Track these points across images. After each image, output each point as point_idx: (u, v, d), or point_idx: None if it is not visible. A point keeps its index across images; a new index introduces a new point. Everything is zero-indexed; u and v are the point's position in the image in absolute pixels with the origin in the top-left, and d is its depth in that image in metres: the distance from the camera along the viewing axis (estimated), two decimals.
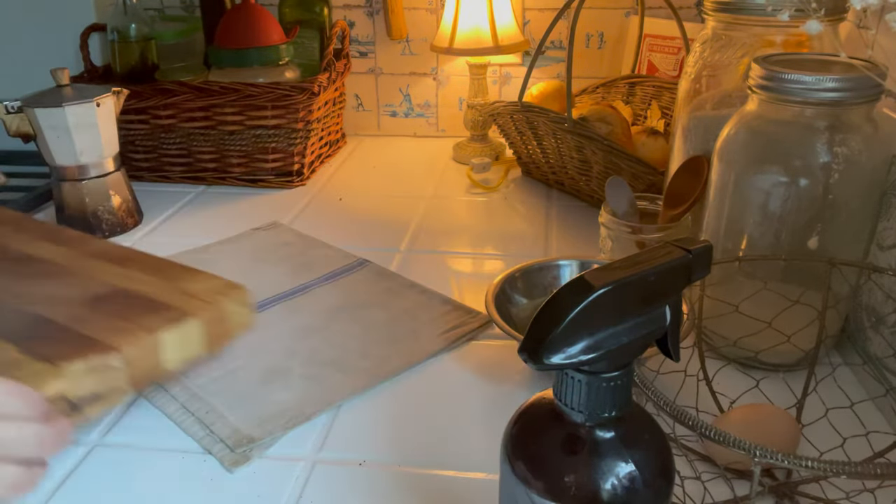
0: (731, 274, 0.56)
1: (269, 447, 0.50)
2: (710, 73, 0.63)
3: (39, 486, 0.46)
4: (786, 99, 0.50)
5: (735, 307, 0.53)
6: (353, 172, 1.03)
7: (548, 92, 0.97)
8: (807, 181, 0.50)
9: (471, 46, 0.97)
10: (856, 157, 0.50)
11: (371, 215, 0.88)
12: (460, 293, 0.70)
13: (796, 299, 0.52)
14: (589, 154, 0.81)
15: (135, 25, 0.98)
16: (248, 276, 0.68)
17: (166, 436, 0.51)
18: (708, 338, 0.58)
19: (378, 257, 0.76)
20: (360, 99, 1.17)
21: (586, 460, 0.27)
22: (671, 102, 0.92)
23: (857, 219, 0.52)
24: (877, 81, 0.47)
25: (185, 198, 0.93)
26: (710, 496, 0.42)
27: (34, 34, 1.05)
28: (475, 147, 1.05)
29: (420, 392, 0.56)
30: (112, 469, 0.49)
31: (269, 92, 0.90)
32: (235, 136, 0.94)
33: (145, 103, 0.92)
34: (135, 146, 0.97)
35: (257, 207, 0.91)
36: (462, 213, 0.89)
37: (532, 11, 1.07)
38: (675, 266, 0.27)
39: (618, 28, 1.06)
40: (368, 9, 1.11)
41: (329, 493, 0.46)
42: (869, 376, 0.54)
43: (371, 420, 0.53)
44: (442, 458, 0.49)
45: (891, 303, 0.52)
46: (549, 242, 0.80)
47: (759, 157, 0.53)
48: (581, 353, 0.26)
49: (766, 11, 0.56)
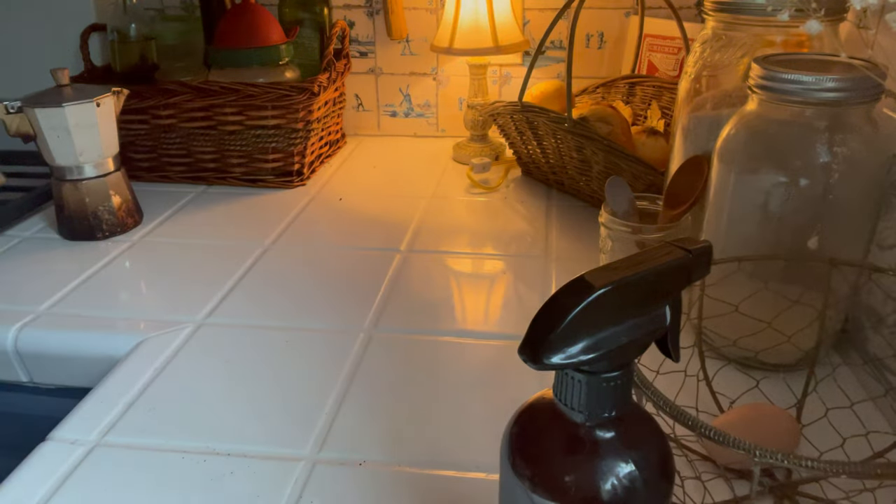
0: (731, 274, 0.56)
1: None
2: (710, 73, 0.63)
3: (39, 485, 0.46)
4: (786, 99, 0.50)
5: (735, 307, 0.53)
6: (353, 172, 1.03)
7: (548, 92, 0.97)
8: (807, 181, 0.50)
9: (471, 46, 0.97)
10: (856, 157, 0.50)
11: (371, 215, 0.88)
12: (460, 293, 0.70)
13: (796, 299, 0.52)
14: (589, 154, 0.81)
15: (135, 25, 0.98)
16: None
17: (166, 436, 0.51)
18: (708, 338, 0.58)
19: (378, 257, 0.76)
20: (360, 99, 1.17)
21: (586, 460, 0.27)
22: (671, 102, 0.92)
23: (857, 219, 0.52)
24: (877, 81, 0.47)
25: (185, 198, 0.94)
26: (710, 496, 0.42)
27: (34, 34, 1.05)
28: (475, 147, 1.05)
29: (420, 392, 0.56)
30: (112, 469, 0.49)
31: (269, 92, 0.90)
32: (235, 136, 0.94)
33: (145, 103, 0.92)
34: (135, 146, 0.97)
35: (257, 207, 0.91)
36: (462, 213, 0.89)
37: (532, 11, 1.07)
38: (675, 266, 0.27)
39: (618, 28, 1.06)
40: (368, 9, 1.11)
41: (329, 493, 0.46)
42: (869, 376, 0.54)
43: (371, 420, 0.53)
44: (442, 458, 0.49)
45: (891, 303, 0.52)
46: (549, 242, 0.80)
47: (759, 157, 0.53)
48: (581, 353, 0.26)
49: (766, 11, 0.56)
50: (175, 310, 0.67)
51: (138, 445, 0.51)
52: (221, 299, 0.69)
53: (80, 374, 0.63)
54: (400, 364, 0.59)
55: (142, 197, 0.89)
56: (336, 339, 0.62)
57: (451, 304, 0.68)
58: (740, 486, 0.45)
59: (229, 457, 0.49)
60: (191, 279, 0.72)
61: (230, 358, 0.60)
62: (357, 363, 0.59)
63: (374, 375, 0.58)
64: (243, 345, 0.62)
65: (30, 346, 0.64)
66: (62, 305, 0.68)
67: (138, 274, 0.74)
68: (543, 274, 0.73)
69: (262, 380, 0.57)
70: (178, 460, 0.49)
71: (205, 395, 0.56)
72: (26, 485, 0.47)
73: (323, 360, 0.60)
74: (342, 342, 0.62)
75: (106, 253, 0.78)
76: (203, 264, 0.76)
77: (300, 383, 0.57)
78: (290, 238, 0.82)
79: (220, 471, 0.48)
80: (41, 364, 0.64)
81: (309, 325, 0.65)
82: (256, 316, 0.66)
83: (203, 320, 0.65)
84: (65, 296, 0.70)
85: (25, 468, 0.48)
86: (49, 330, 0.64)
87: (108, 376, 0.58)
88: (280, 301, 0.68)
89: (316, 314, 0.66)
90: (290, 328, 0.64)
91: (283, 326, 0.64)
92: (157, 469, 0.48)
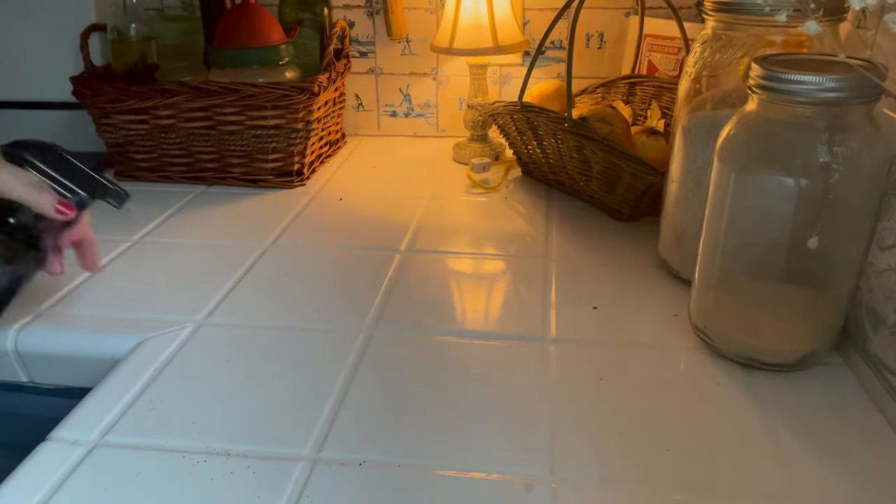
0: (731, 274, 0.56)
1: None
2: (710, 73, 0.63)
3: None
4: (786, 99, 0.50)
5: (735, 307, 0.53)
6: (353, 172, 1.03)
7: (548, 92, 0.97)
8: (807, 181, 0.50)
9: (471, 47, 0.97)
10: (856, 157, 0.50)
11: (371, 215, 0.88)
12: (460, 293, 0.70)
13: (796, 299, 0.52)
14: (589, 154, 0.81)
15: (135, 25, 0.98)
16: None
17: (166, 436, 0.51)
18: (708, 338, 0.58)
19: (378, 257, 0.76)
20: (360, 99, 1.17)
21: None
22: (671, 102, 0.92)
23: (857, 219, 0.52)
24: (876, 81, 0.47)
25: (185, 198, 0.94)
26: None
27: (34, 34, 1.05)
28: (475, 147, 1.05)
29: (420, 392, 0.56)
30: (112, 469, 0.49)
31: (269, 92, 0.90)
32: (235, 136, 0.94)
33: (145, 103, 0.92)
34: (135, 146, 0.96)
35: (257, 207, 0.91)
36: (462, 213, 0.89)
37: (532, 11, 1.07)
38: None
39: (618, 28, 1.06)
40: (368, 9, 1.11)
41: (329, 493, 0.46)
42: (869, 376, 0.54)
43: (371, 420, 0.53)
44: (442, 458, 0.49)
45: (891, 303, 0.52)
46: (549, 242, 0.80)
47: (759, 157, 0.53)
48: None
49: (764, 12, 0.56)
50: (175, 310, 0.67)
51: (138, 445, 0.51)
52: (221, 299, 0.69)
53: (80, 374, 0.63)
54: (400, 364, 0.59)
55: (142, 197, 0.89)
56: (336, 339, 0.62)
57: (451, 304, 0.68)
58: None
59: (229, 457, 0.49)
60: (191, 279, 0.72)
61: (230, 358, 0.60)
62: (357, 363, 0.59)
63: (374, 375, 0.58)
64: (243, 345, 0.62)
65: (30, 346, 0.64)
66: (62, 305, 0.68)
67: (138, 274, 0.74)
68: (543, 274, 0.73)
69: (262, 380, 0.57)
70: (178, 460, 0.49)
71: (205, 395, 0.56)
72: (26, 485, 0.47)
73: (323, 360, 0.60)
74: (342, 342, 0.62)
75: (106, 253, 0.78)
76: (203, 264, 0.76)
77: (300, 383, 0.57)
78: (290, 238, 0.82)
79: (220, 471, 0.48)
80: (41, 364, 0.64)
81: (309, 325, 0.65)
82: (256, 316, 0.66)
83: (203, 320, 0.65)
84: (65, 296, 0.70)
85: (25, 468, 0.48)
86: (49, 330, 0.64)
87: (108, 376, 0.58)
88: (280, 301, 0.68)
89: (316, 314, 0.66)
90: (290, 328, 0.64)
91: (283, 326, 0.64)
92: (157, 469, 0.48)
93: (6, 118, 1.08)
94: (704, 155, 0.63)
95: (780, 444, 0.49)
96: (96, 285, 0.72)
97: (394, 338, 0.63)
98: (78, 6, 1.03)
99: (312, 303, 0.68)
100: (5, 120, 1.08)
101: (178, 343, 0.62)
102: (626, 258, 0.75)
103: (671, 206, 0.69)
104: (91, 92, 0.93)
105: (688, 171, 0.65)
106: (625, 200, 0.81)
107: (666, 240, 0.71)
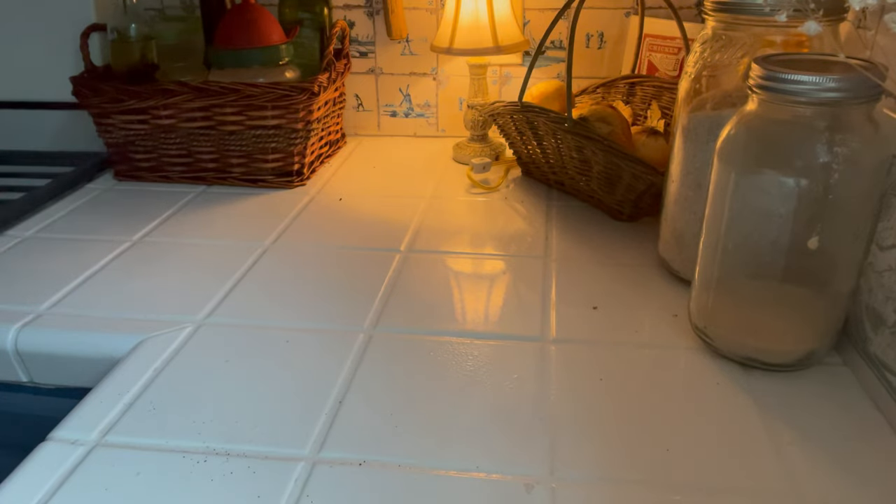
0: (731, 273, 0.56)
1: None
2: (710, 73, 0.63)
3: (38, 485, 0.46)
4: (786, 99, 0.50)
5: (735, 307, 0.53)
6: (353, 172, 1.03)
7: (548, 92, 0.97)
8: (807, 181, 0.50)
9: (471, 47, 0.97)
10: (856, 157, 0.50)
11: (371, 215, 0.88)
12: (460, 293, 0.70)
13: (796, 299, 0.52)
14: (589, 154, 0.81)
15: (135, 25, 0.98)
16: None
17: (166, 436, 0.51)
18: (708, 337, 0.58)
19: (378, 257, 0.76)
20: (360, 99, 1.17)
21: None
22: (671, 102, 0.92)
23: (857, 219, 0.52)
24: (876, 82, 0.47)
25: (185, 198, 0.94)
26: None
27: (34, 34, 1.05)
28: (475, 147, 1.05)
29: (420, 392, 0.56)
30: (112, 469, 0.49)
31: (269, 92, 0.90)
32: (235, 136, 0.94)
33: (145, 103, 0.92)
34: (135, 146, 0.97)
35: (257, 207, 0.91)
36: (462, 213, 0.89)
37: (532, 11, 1.07)
38: None
39: (618, 28, 1.06)
40: (368, 9, 1.11)
41: (329, 493, 0.46)
42: (869, 376, 0.54)
43: (371, 420, 0.53)
44: (442, 458, 0.49)
45: (891, 303, 0.52)
46: (549, 242, 0.80)
47: (759, 157, 0.53)
48: None
49: (764, 12, 0.56)
50: (175, 310, 0.67)
51: (138, 445, 0.51)
52: (221, 299, 0.69)
53: (80, 374, 0.63)
54: (400, 364, 0.59)
55: (142, 197, 0.89)
56: (336, 339, 0.62)
57: (451, 304, 0.68)
58: None
59: (229, 457, 0.49)
60: (191, 279, 0.72)
61: (230, 358, 0.60)
62: (357, 363, 0.59)
63: (374, 375, 0.58)
64: (243, 345, 0.62)
65: (30, 346, 0.64)
66: (62, 305, 0.68)
67: (138, 274, 0.74)
68: (543, 274, 0.73)
69: (262, 380, 0.57)
70: (178, 460, 0.49)
71: (205, 395, 0.56)
72: (26, 485, 0.47)
73: (323, 360, 0.60)
74: (342, 342, 0.62)
75: (106, 253, 0.78)
76: (203, 264, 0.76)
77: (300, 383, 0.57)
78: (290, 238, 0.82)
79: (220, 471, 0.48)
80: (41, 364, 0.64)
81: (309, 325, 0.65)
82: (256, 316, 0.66)
83: (203, 320, 0.65)
84: (65, 296, 0.70)
85: (25, 468, 0.48)
86: (49, 330, 0.64)
87: (108, 376, 0.58)
88: (280, 301, 0.69)
89: (316, 314, 0.66)
90: (290, 328, 0.64)
91: (283, 326, 0.64)
92: (157, 469, 0.48)
93: (6, 118, 1.08)
94: (704, 155, 0.63)
95: (780, 444, 0.49)
96: (96, 285, 0.72)
97: (394, 338, 0.63)
98: (78, 6, 1.03)
99: (312, 303, 0.68)
100: (5, 120, 1.08)
101: (178, 343, 0.62)
102: (626, 258, 0.75)
103: (671, 206, 0.69)
104: (91, 92, 0.93)
105: (688, 171, 0.65)
106: (625, 200, 0.81)
107: (666, 240, 0.71)
